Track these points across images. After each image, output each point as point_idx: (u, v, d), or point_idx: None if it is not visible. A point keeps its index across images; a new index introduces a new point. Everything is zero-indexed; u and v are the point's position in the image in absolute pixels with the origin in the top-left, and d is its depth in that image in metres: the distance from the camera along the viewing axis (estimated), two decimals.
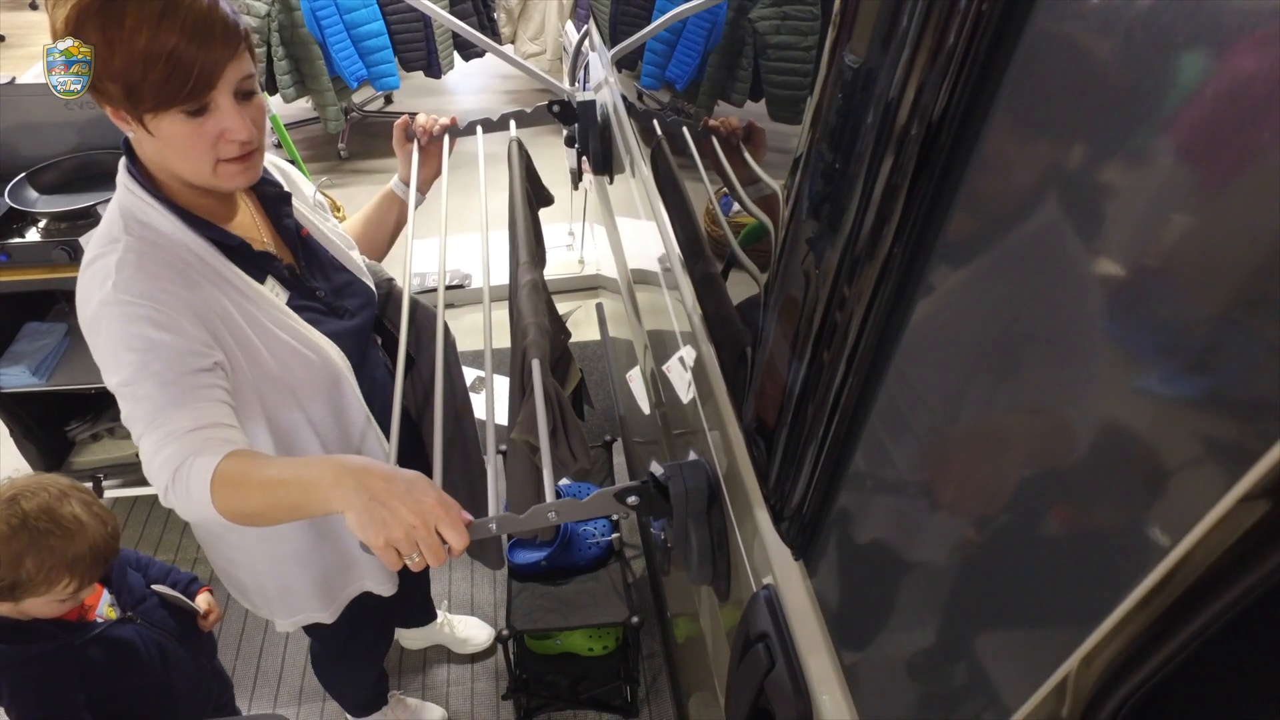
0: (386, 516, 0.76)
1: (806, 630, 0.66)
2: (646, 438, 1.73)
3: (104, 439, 2.32)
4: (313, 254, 1.13)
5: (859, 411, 0.57)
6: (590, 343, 2.93)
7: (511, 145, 1.46)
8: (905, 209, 0.48)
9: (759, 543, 0.76)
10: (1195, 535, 0.33)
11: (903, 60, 0.45)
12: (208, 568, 2.20)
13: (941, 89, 0.44)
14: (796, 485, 0.64)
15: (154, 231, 0.94)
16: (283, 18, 3.38)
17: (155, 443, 0.88)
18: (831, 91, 0.54)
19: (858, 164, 0.51)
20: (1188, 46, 0.31)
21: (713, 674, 1.07)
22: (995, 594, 0.46)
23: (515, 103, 4.32)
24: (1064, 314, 0.38)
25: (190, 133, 0.88)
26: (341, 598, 1.33)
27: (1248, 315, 0.29)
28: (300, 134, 4.34)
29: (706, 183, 1.02)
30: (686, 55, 1.15)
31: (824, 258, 0.57)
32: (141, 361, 0.88)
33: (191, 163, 0.91)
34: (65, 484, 1.15)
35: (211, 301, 0.95)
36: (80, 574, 1.12)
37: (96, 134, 2.00)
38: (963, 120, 0.44)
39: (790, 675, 0.66)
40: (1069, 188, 0.38)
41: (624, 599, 1.76)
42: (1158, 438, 0.34)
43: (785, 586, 0.70)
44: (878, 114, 0.48)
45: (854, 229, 0.52)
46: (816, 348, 0.59)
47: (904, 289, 0.51)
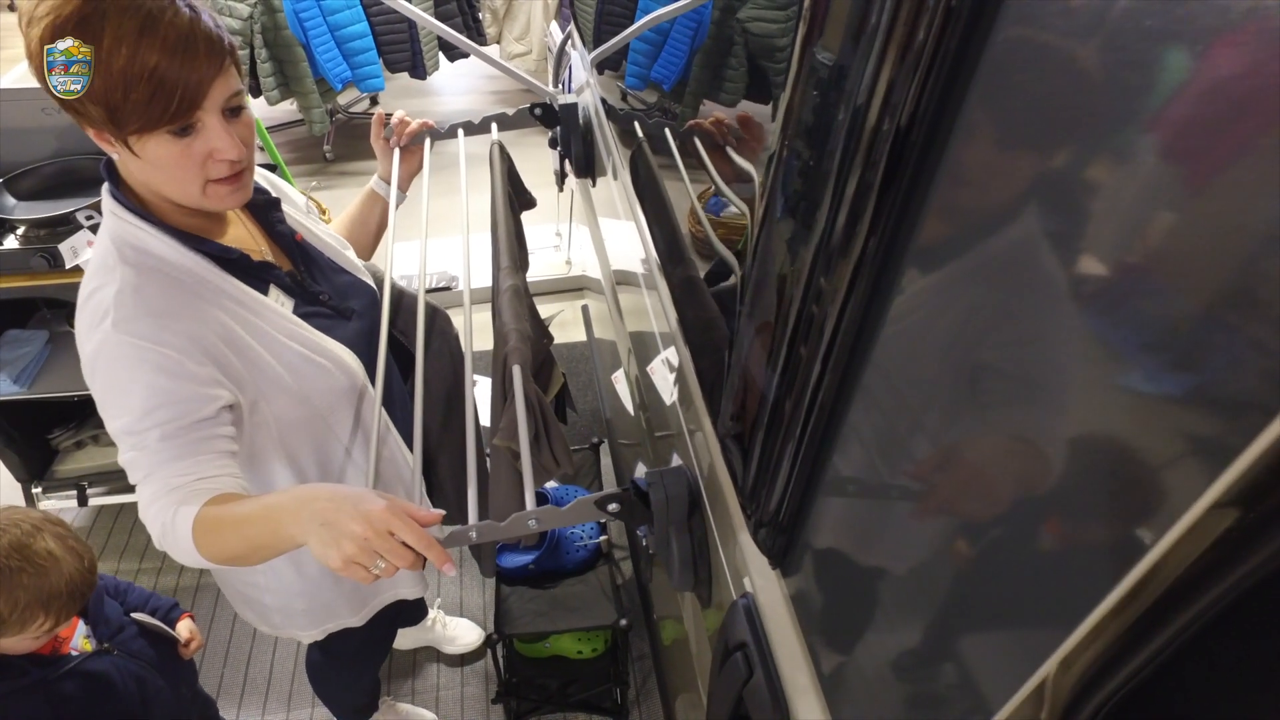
0: (337, 535, 0.76)
1: (784, 639, 0.66)
2: (632, 440, 1.73)
3: (88, 446, 2.30)
4: (310, 258, 1.12)
5: (833, 420, 0.57)
6: (577, 344, 2.93)
7: (493, 148, 1.45)
8: (877, 210, 0.48)
9: (738, 551, 0.75)
10: (1170, 539, 0.33)
11: (873, 57, 0.45)
12: (194, 576, 2.22)
13: (912, 86, 0.43)
14: (772, 494, 0.64)
15: (150, 256, 0.91)
16: (265, 19, 3.35)
17: (152, 493, 0.89)
18: (803, 89, 0.54)
19: (829, 162, 0.50)
20: (1159, 43, 0.31)
21: (697, 677, 1.07)
22: (970, 601, 0.45)
23: (501, 104, 4.30)
24: (1038, 317, 0.38)
25: (177, 154, 0.85)
26: (373, 604, 1.32)
27: (1222, 314, 0.29)
28: (285, 136, 4.31)
29: (688, 183, 1.02)
30: (673, 55, 1.15)
31: (796, 260, 0.56)
32: (145, 410, 0.87)
33: (180, 184, 0.89)
34: (37, 518, 1.11)
35: (216, 326, 0.93)
36: (56, 612, 1.09)
37: (76, 140, 1.98)
38: (934, 118, 0.44)
39: (768, 684, 0.66)
40: (1040, 187, 0.37)
41: (612, 601, 1.76)
42: (1133, 440, 0.34)
43: (763, 595, 0.70)
44: (848, 111, 0.47)
45: (826, 231, 0.52)
46: (789, 353, 0.58)
47: (876, 293, 0.50)
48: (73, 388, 2.02)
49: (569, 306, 3.15)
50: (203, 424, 0.90)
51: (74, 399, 2.07)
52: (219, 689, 1.98)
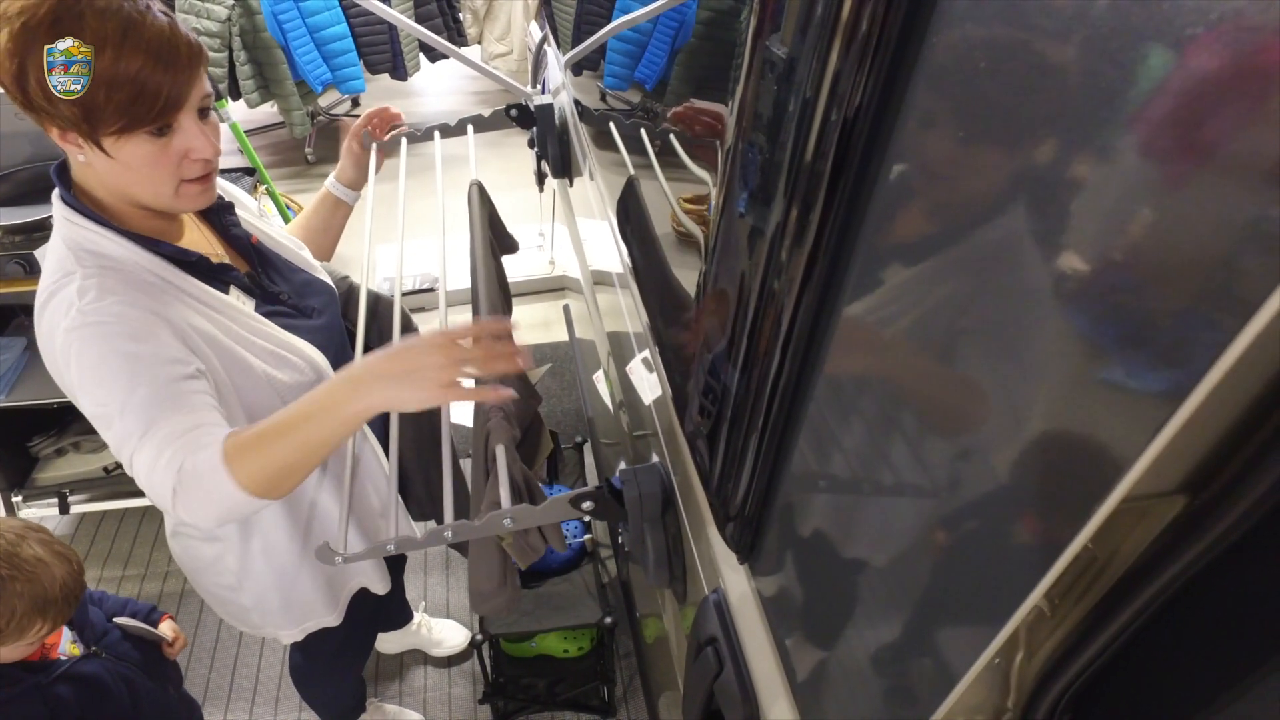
0: (421, 376, 0.80)
1: (753, 633, 0.67)
2: (613, 439, 1.73)
3: (69, 454, 2.28)
4: (267, 259, 1.12)
5: (792, 414, 0.57)
6: (560, 343, 2.93)
7: (472, 190, 1.43)
8: (827, 202, 0.48)
9: (709, 547, 0.76)
10: (1093, 527, 0.34)
11: (819, 49, 0.45)
12: (179, 581, 2.21)
13: (858, 77, 0.44)
14: (737, 490, 0.65)
15: (107, 259, 0.90)
16: (244, 22, 3.33)
17: (155, 449, 0.83)
18: (755, 82, 0.54)
19: (780, 154, 0.50)
20: (1092, 26, 0.31)
21: (678, 674, 1.08)
22: (925, 588, 0.46)
23: (484, 104, 4.30)
24: (989, 304, 0.39)
25: (155, 153, 0.86)
26: (344, 596, 1.33)
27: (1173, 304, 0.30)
28: (266, 139, 4.29)
29: (663, 182, 1.02)
30: (656, 55, 1.15)
31: (753, 254, 0.57)
32: (129, 375, 0.85)
33: (153, 185, 0.89)
34: (19, 526, 1.11)
35: (184, 318, 0.92)
36: (53, 617, 1.10)
37: (50, 145, 1.95)
38: (879, 107, 0.44)
39: (738, 678, 0.66)
40: (987, 176, 0.38)
41: (598, 600, 1.77)
42: (1077, 427, 0.35)
43: (733, 590, 0.71)
44: (798, 103, 0.48)
45: (780, 224, 0.52)
46: (748, 349, 0.59)
47: (831, 285, 0.51)
48: (52, 395, 2.01)
49: (552, 306, 3.15)
50: (187, 380, 0.88)
51: (53, 406, 2.06)
52: (205, 694, 1.97)
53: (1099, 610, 0.43)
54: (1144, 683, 0.45)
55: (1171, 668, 0.44)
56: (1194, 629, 0.41)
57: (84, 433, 2.24)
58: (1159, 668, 0.44)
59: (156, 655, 1.37)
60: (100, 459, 2.22)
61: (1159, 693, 0.45)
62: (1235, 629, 0.40)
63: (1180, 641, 0.42)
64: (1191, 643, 0.42)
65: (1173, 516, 0.38)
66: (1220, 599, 0.39)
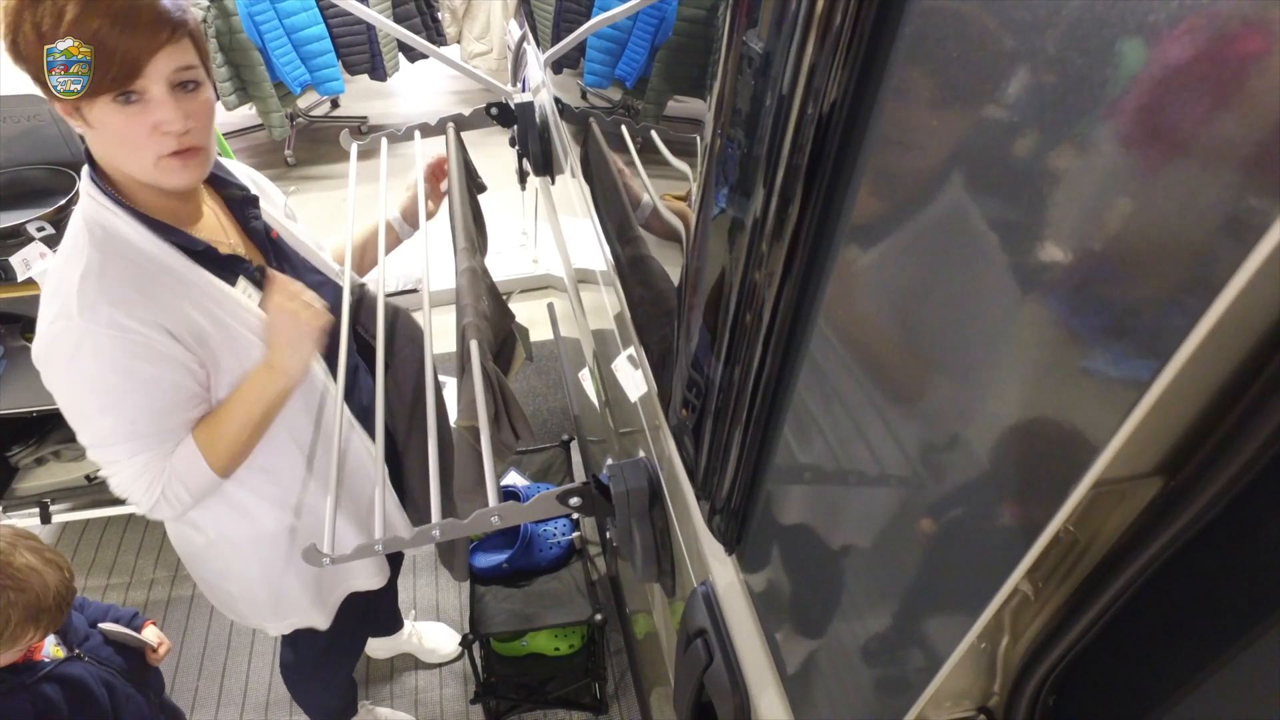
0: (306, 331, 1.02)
1: (742, 625, 0.67)
2: (600, 437, 1.74)
3: (49, 463, 2.25)
4: (284, 256, 1.14)
5: (775, 405, 0.58)
6: (545, 342, 2.93)
7: (448, 130, 1.46)
8: (806, 195, 0.49)
9: (697, 540, 0.77)
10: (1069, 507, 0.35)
11: (795, 42, 0.45)
12: (164, 589, 2.19)
13: (832, 69, 0.44)
14: (723, 482, 0.65)
15: (117, 239, 0.92)
16: (220, 23, 3.30)
17: (138, 469, 0.97)
18: (733, 77, 0.55)
19: (759, 148, 0.51)
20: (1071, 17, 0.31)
21: (669, 669, 1.08)
22: (910, 577, 0.47)
23: (464, 103, 4.28)
24: (967, 294, 0.39)
25: (124, 122, 0.86)
26: (333, 599, 1.33)
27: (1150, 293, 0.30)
28: (245, 141, 4.26)
29: (644, 178, 1.03)
30: (636, 52, 1.15)
31: (733, 246, 0.57)
32: (122, 394, 0.93)
33: (132, 155, 0.90)
34: (9, 534, 1.12)
35: (178, 315, 0.95)
36: (45, 624, 1.11)
37: (25, 149, 1.94)
38: (854, 100, 0.45)
39: (728, 669, 0.67)
40: (959, 165, 0.38)
41: (587, 597, 1.77)
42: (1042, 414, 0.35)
43: (720, 582, 0.71)
44: (775, 97, 0.48)
45: (760, 217, 0.52)
46: (730, 340, 0.59)
47: (810, 275, 0.51)
48: (31, 403, 1.98)
49: (536, 305, 3.14)
50: (182, 406, 0.98)
51: (33, 415, 2.03)
52: (194, 701, 1.96)
53: (1081, 592, 0.44)
54: (1124, 663, 0.46)
55: (1151, 647, 0.45)
56: (1173, 609, 0.42)
57: (64, 441, 2.21)
58: (1139, 648, 0.45)
59: (139, 661, 1.37)
60: (81, 467, 2.19)
61: (1139, 672, 0.46)
62: (1212, 608, 0.41)
63: (1160, 621, 0.43)
64: (1170, 622, 0.43)
65: (1149, 500, 0.38)
66: (1198, 579, 0.40)
